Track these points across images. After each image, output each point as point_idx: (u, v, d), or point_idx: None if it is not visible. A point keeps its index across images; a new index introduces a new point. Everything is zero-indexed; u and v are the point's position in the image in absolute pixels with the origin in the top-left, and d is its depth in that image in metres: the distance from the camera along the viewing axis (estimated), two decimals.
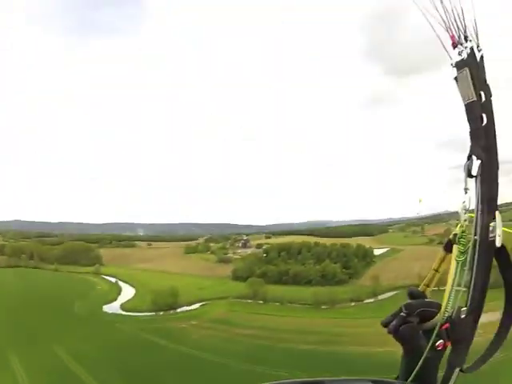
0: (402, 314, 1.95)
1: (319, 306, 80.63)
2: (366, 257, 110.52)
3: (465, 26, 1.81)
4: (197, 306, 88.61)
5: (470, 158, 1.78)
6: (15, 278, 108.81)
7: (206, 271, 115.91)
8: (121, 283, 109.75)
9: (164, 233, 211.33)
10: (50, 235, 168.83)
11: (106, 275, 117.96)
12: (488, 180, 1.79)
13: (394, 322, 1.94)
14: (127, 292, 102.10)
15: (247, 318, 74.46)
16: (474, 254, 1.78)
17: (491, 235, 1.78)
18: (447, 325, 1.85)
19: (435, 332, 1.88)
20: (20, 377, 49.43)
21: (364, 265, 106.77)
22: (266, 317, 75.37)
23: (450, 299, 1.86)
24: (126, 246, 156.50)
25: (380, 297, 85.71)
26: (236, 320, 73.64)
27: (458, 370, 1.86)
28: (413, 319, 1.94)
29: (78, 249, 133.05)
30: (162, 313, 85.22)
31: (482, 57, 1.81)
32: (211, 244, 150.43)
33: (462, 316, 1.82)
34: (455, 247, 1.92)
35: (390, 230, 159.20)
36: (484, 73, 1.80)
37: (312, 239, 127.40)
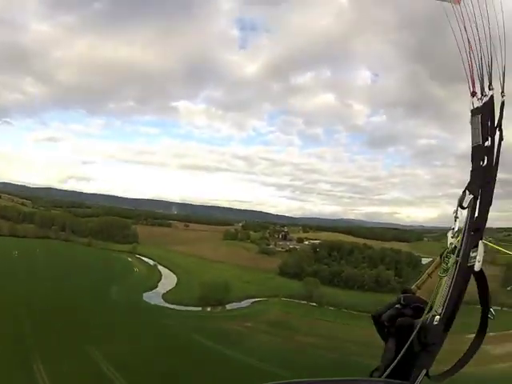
0: (397, 306, 2.15)
1: None
2: (417, 267, 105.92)
3: (490, 74, 1.98)
4: (247, 303, 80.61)
5: (464, 192, 1.98)
6: (43, 250, 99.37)
7: (248, 262, 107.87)
8: (160, 267, 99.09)
9: (197, 214, 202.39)
10: (81, 206, 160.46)
11: (144, 256, 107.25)
12: (478, 213, 2.00)
13: (387, 312, 2.10)
14: (168, 279, 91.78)
15: (306, 323, 67.57)
16: (454, 273, 2.00)
17: (472, 261, 2.00)
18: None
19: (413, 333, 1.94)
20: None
21: (416, 274, 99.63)
22: (325, 323, 68.25)
23: (432, 305, 2.07)
24: (162, 224, 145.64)
25: None
26: (295, 324, 66.54)
27: (424, 371, 1.95)
28: (407, 311, 2.11)
29: (115, 224, 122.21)
30: (209, 308, 76.75)
31: (503, 103, 1.92)
32: (250, 232, 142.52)
33: (435, 323, 1.97)
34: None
35: (425, 239, 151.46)
36: (500, 118, 1.93)
37: (358, 240, 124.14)
